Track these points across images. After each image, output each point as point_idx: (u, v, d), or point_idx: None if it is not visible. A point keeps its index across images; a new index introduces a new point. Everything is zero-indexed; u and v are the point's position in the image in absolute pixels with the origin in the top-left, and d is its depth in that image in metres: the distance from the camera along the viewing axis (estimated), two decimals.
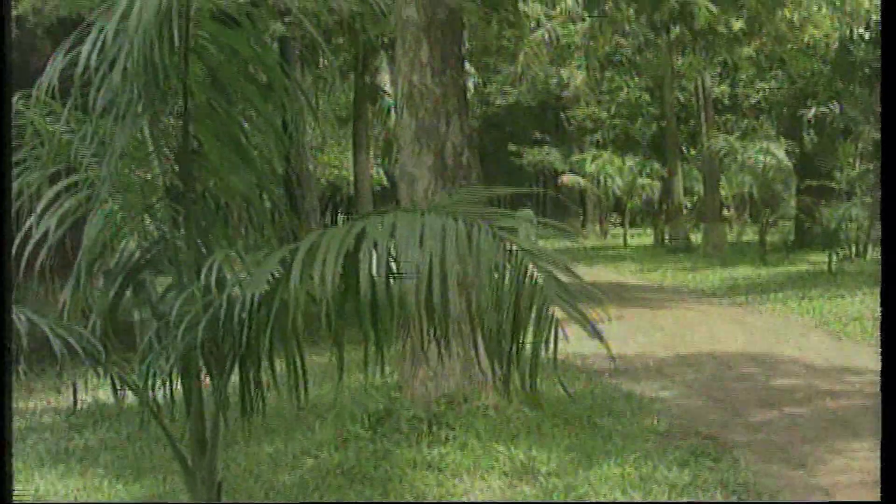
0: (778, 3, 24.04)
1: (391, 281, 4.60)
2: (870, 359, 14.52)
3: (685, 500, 9.12)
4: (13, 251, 5.48)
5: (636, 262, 38.22)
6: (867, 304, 20.63)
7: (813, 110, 36.63)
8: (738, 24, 24.57)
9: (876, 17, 26.20)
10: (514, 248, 4.52)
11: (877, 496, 3.68)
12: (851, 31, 28.94)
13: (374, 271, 4.57)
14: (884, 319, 3.60)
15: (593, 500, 9.18)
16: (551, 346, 4.49)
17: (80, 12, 15.09)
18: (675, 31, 26.97)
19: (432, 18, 11.73)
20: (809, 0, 25.74)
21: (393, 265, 4.60)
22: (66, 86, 5.47)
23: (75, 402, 12.61)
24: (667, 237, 45.12)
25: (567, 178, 53.82)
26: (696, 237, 43.29)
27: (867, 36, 27.55)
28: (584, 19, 36.63)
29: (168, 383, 5.72)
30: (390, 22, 12.43)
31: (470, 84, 38.08)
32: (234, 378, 5.60)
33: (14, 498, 3.88)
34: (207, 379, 5.72)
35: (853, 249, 30.30)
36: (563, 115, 58.14)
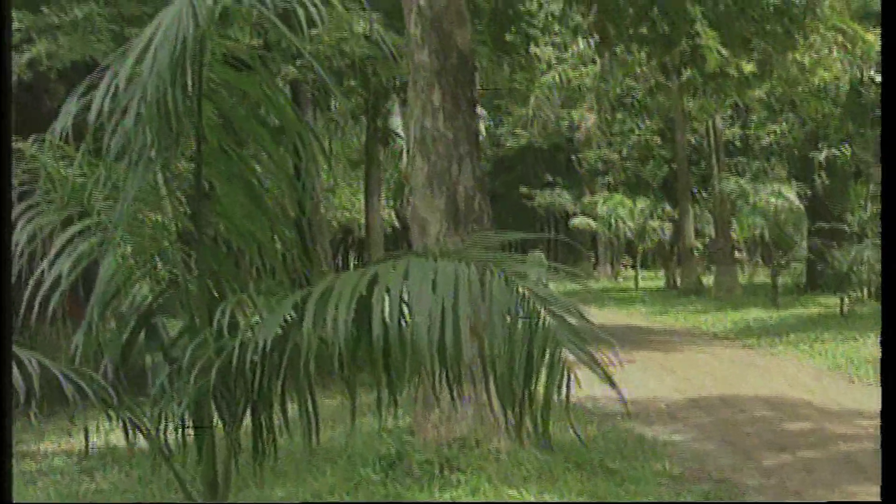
0: (788, 45, 24.05)
1: (403, 326, 4.60)
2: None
3: None
4: (27, 294, 5.51)
5: (648, 304, 38.19)
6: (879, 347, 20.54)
7: (824, 153, 36.66)
8: (748, 67, 24.61)
9: None
10: (526, 293, 4.53)
11: None
12: (862, 74, 28.98)
13: (386, 316, 4.57)
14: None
15: None
16: (563, 389, 4.49)
17: (94, 56, 15.20)
18: (685, 74, 27.00)
19: (445, 63, 11.77)
20: (820, 43, 25.76)
21: (405, 310, 4.60)
22: (80, 129, 5.49)
23: (87, 446, 12.59)
24: (678, 279, 45.09)
25: (578, 221, 53.92)
26: (708, 279, 43.27)
27: (878, 79, 27.56)
28: (594, 62, 36.71)
29: (180, 427, 5.70)
30: (402, 66, 12.47)
31: (481, 126, 38.15)
32: (246, 421, 5.59)
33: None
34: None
35: (865, 292, 30.24)
36: (574, 157, 58.31)
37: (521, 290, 4.53)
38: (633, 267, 54.55)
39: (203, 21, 4.67)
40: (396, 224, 47.59)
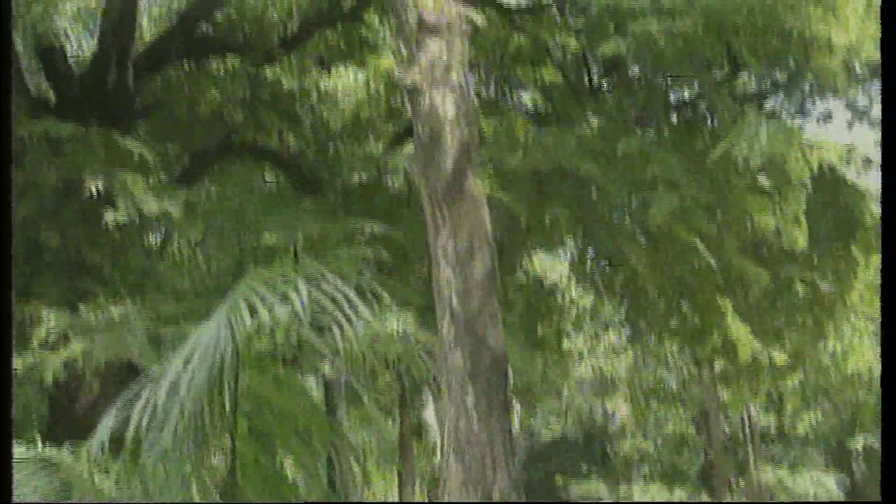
0: (820, 335, 24.19)
1: None
2: None
3: None
4: None
5: None
6: None
7: (861, 441, 36.36)
8: (780, 358, 24.67)
9: None
10: None
11: None
12: None
13: None
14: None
15: None
16: None
17: (129, 356, 15.35)
18: (718, 365, 27.09)
19: (478, 365, 11.77)
20: (851, 332, 25.91)
21: None
22: (117, 439, 5.55)
23: None
24: None
25: None
26: None
27: None
28: (626, 352, 36.90)
29: None
30: (436, 364, 12.54)
31: (515, 419, 38.14)
32: None
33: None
34: None
35: None
36: (609, 447, 57.88)
37: None
38: None
39: (241, 343, 4.76)
40: None
